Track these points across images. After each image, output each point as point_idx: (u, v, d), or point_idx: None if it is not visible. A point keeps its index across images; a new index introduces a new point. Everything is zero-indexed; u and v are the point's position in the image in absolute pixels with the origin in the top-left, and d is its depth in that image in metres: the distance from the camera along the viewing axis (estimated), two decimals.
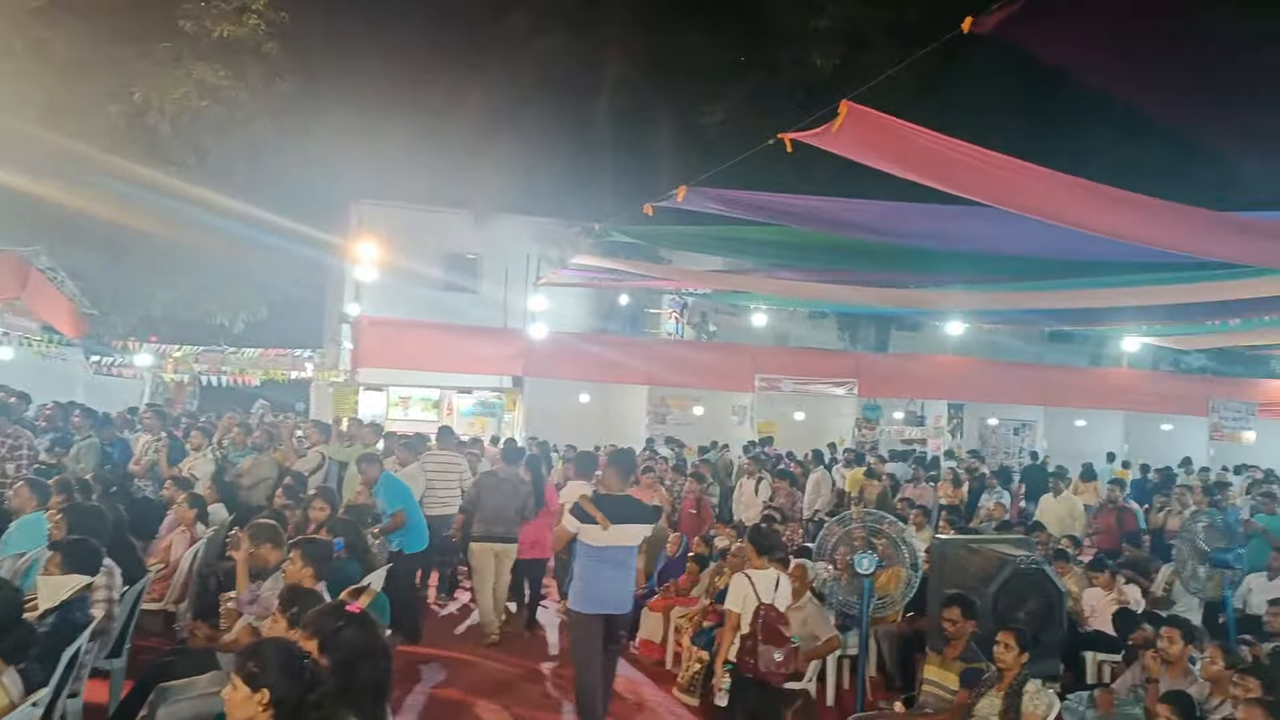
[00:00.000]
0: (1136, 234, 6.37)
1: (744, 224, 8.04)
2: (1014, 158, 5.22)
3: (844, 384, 16.26)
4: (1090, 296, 10.07)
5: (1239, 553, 6.91)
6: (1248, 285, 8.72)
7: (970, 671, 5.13)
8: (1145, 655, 5.40)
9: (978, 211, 6.12)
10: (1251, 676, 4.34)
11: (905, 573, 6.43)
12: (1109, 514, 10.20)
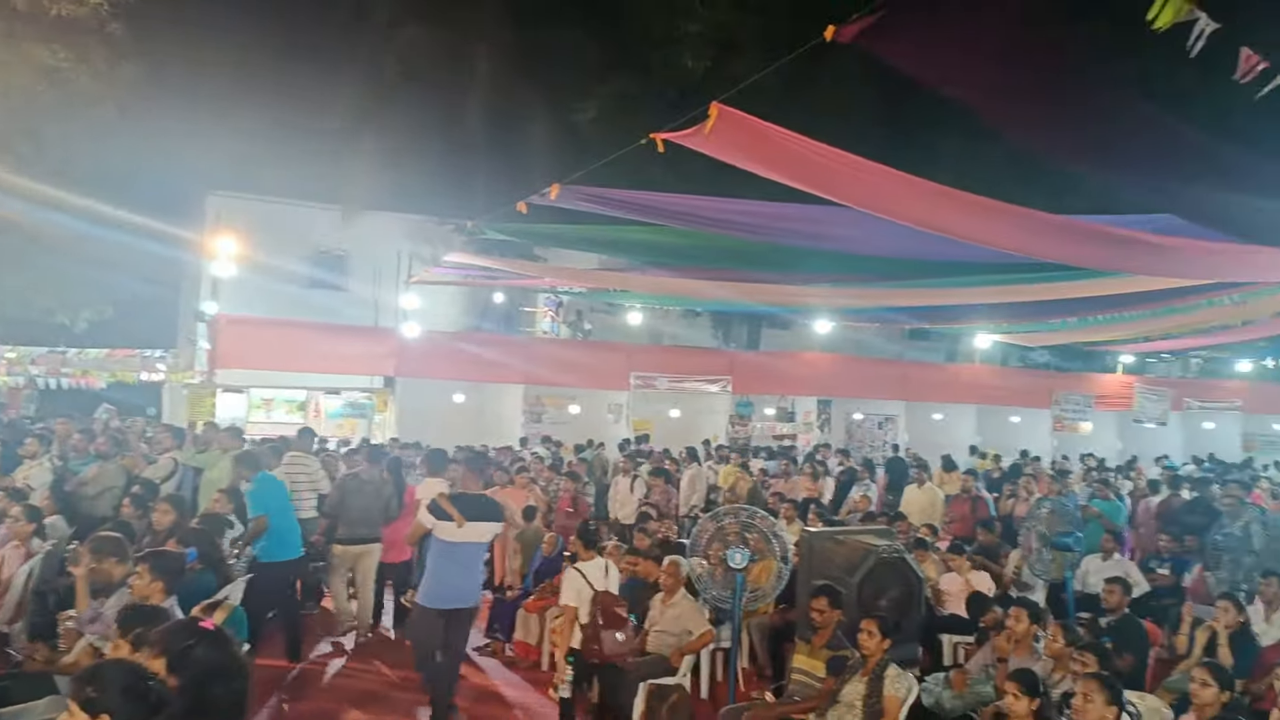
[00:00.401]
0: (985, 236, 6.74)
1: (619, 223, 8.07)
2: (874, 162, 5.45)
3: (718, 381, 16.57)
4: (946, 295, 10.62)
5: (1078, 536, 7.40)
6: (1084, 286, 9.38)
7: (836, 659, 5.31)
8: (995, 636, 5.72)
9: (843, 213, 6.34)
10: (1089, 652, 4.66)
11: (776, 565, 6.59)
12: (963, 503, 10.76)
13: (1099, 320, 11.81)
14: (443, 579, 5.78)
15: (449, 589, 5.79)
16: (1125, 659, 6.02)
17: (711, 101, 4.54)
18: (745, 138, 4.98)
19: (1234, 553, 7.57)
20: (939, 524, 10.50)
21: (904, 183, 5.71)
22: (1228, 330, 12.82)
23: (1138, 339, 14.49)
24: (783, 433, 17.89)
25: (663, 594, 6.50)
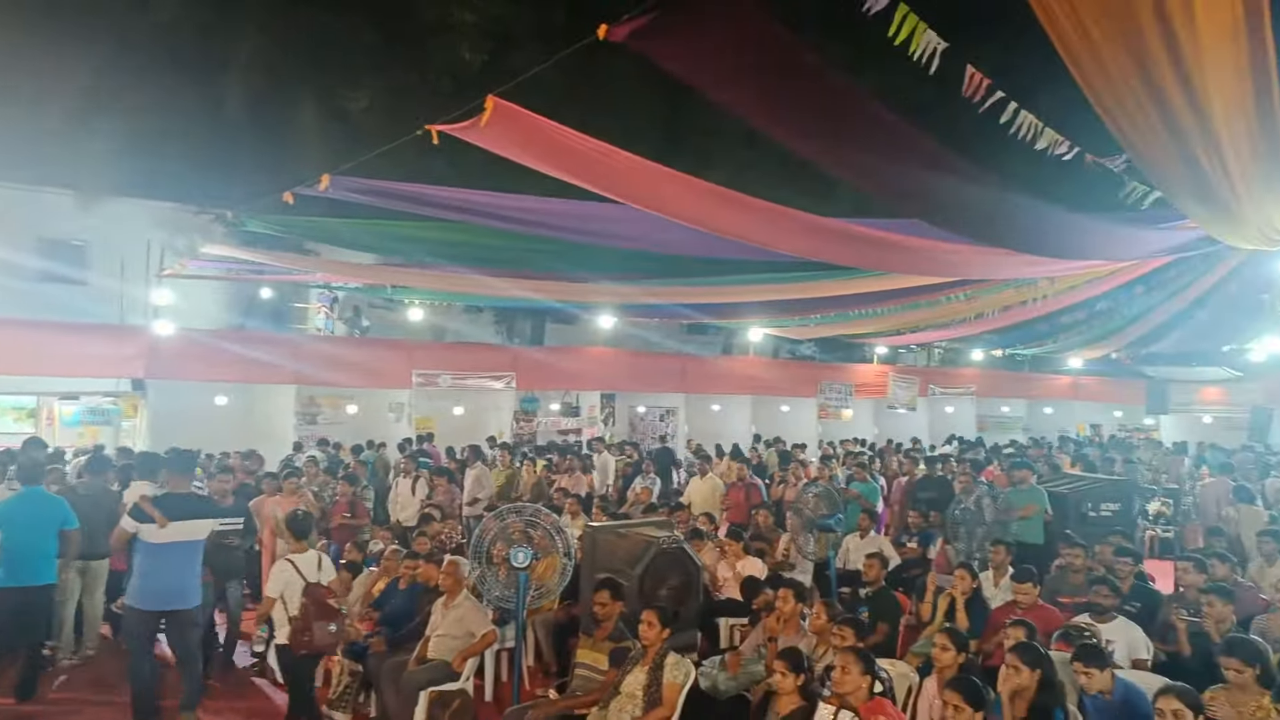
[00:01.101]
0: (754, 235, 7.08)
1: (395, 217, 7.78)
2: (650, 161, 5.57)
3: (502, 378, 16.39)
4: (720, 293, 11.09)
5: (839, 517, 7.94)
6: (845, 284, 10.09)
7: (619, 651, 5.38)
8: (766, 617, 6.03)
9: (621, 209, 6.43)
10: (846, 626, 5.00)
11: (561, 561, 6.60)
12: (738, 490, 11.30)
13: (858, 315, 12.76)
14: (151, 579, 5.80)
15: (159, 589, 5.82)
16: (881, 629, 6.54)
17: (487, 94, 4.46)
18: (521, 132, 4.93)
19: (969, 525, 8.39)
20: (718, 512, 10.96)
21: (678, 182, 5.87)
22: (964, 323, 14.23)
23: (890, 332, 15.75)
24: (568, 428, 18.01)
25: (444, 597, 6.35)
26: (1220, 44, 3.08)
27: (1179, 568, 6.52)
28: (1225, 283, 11.42)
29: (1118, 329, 15.02)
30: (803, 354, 21.79)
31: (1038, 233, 6.92)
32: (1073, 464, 14.73)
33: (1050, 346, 18.01)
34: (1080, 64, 3.48)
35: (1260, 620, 5.87)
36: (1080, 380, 24.87)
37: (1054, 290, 11.61)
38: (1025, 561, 7.34)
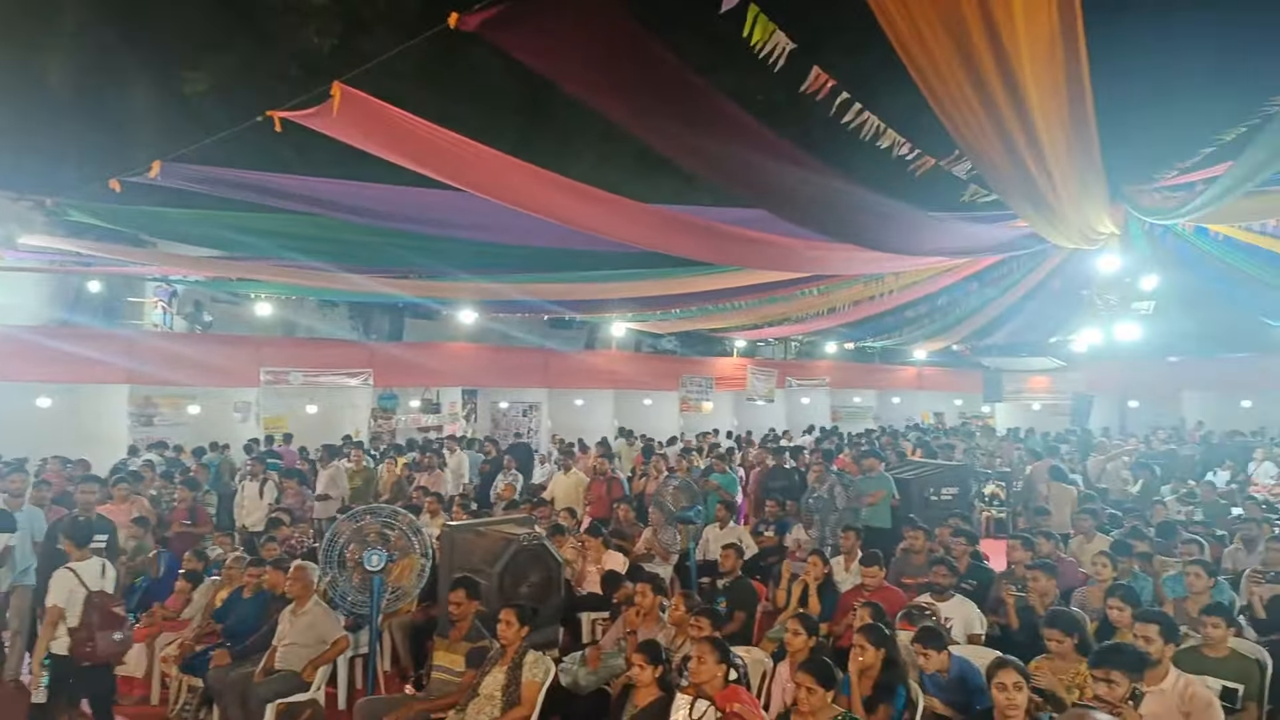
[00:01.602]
0: (610, 229, 7.10)
1: (241, 208, 7.36)
2: (509, 155, 5.48)
3: (358, 374, 15.83)
4: (583, 289, 11.08)
5: (698, 509, 8.07)
6: (705, 280, 10.27)
7: (475, 651, 5.30)
8: (626, 610, 6.06)
9: (483, 202, 6.30)
10: (703, 616, 5.08)
11: (419, 562, 6.45)
12: (600, 484, 11.31)
13: (717, 309, 13.02)
14: None
15: None
16: (738, 617, 6.69)
17: (334, 80, 4.28)
18: (370, 121, 4.76)
19: (822, 512, 8.70)
20: (580, 507, 10.96)
21: (536, 176, 5.81)
22: (819, 317, 14.75)
23: (749, 326, 16.15)
24: (428, 424, 17.60)
25: (293, 604, 6.08)
26: (1039, 52, 3.28)
27: (1009, 546, 6.96)
28: (1050, 279, 12.28)
29: (956, 322, 15.90)
30: (664, 348, 22.05)
31: (886, 230, 7.24)
32: (914, 450, 15.50)
33: (897, 339, 18.91)
34: (917, 65, 3.64)
35: (1080, 593, 6.34)
36: (924, 371, 26.26)
37: (899, 285, 12.20)
38: (875, 545, 7.67)
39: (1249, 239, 9.48)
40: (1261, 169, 5.24)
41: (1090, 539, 8.05)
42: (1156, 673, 4.27)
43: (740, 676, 4.68)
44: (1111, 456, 13.94)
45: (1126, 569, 6.65)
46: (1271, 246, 9.65)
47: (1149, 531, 8.09)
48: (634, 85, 4.32)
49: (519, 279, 10.06)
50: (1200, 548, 6.92)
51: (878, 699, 4.49)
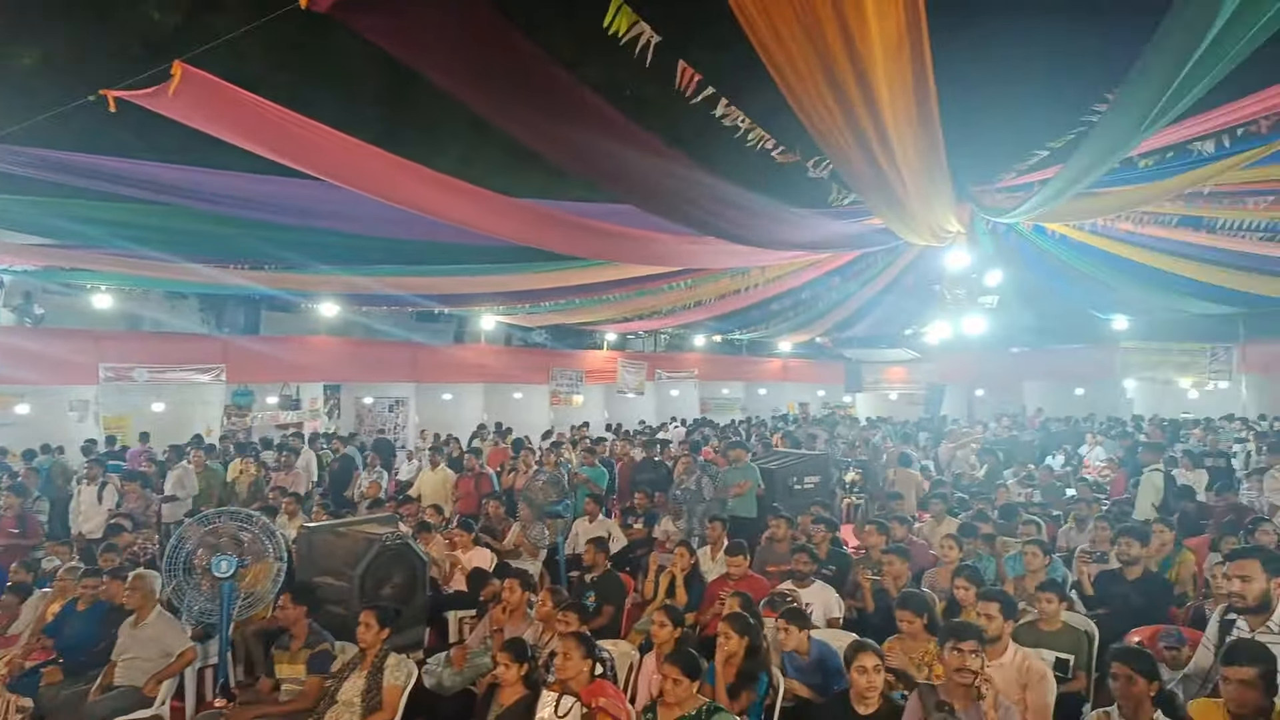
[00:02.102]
0: (476, 222, 6.97)
1: (75, 194, 6.81)
2: (370, 144, 5.29)
3: (210, 370, 14.99)
4: (451, 283, 10.84)
5: (567, 503, 8.04)
6: (574, 274, 10.23)
7: (317, 657, 5.11)
8: (494, 608, 5.97)
9: (343, 191, 6.05)
10: (570, 612, 5.05)
11: (275, 565, 6.16)
12: (468, 480, 11.13)
13: (586, 302, 13.00)
14: None
15: None
16: (606, 610, 6.69)
17: (175, 60, 4.02)
18: (214, 102, 4.49)
19: (689, 504, 8.82)
20: (448, 504, 10.75)
21: (397, 166, 5.63)
22: (687, 310, 14.95)
23: (618, 319, 16.21)
24: (288, 422, 16.86)
25: (133, 616, 5.71)
26: (889, 53, 3.39)
27: (865, 531, 7.23)
28: (905, 274, 12.86)
29: (819, 315, 16.45)
30: (534, 341, 21.87)
31: (751, 225, 7.38)
32: (781, 439, 15.96)
33: (763, 332, 19.40)
34: (775, 64, 3.71)
35: (929, 574, 6.66)
36: (789, 363, 27.05)
37: (765, 279, 12.49)
38: (741, 534, 7.85)
39: (1081, 237, 10.18)
40: (1087, 173, 5.63)
41: (940, 522, 8.46)
42: (996, 648, 4.52)
43: (607, 670, 4.68)
44: (961, 444, 14.74)
45: (972, 550, 7.02)
46: (1100, 244, 10.40)
47: (993, 514, 8.57)
48: (494, 75, 4.23)
49: (382, 272, 9.74)
50: (1038, 528, 7.38)
51: (740, 686, 4.58)
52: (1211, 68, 3.80)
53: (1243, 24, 3.35)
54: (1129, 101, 4.19)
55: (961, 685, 3.89)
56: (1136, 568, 6.07)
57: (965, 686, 3.88)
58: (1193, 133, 5.74)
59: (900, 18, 3.08)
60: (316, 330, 17.10)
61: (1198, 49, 3.51)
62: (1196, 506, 8.97)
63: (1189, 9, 3.21)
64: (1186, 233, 8.99)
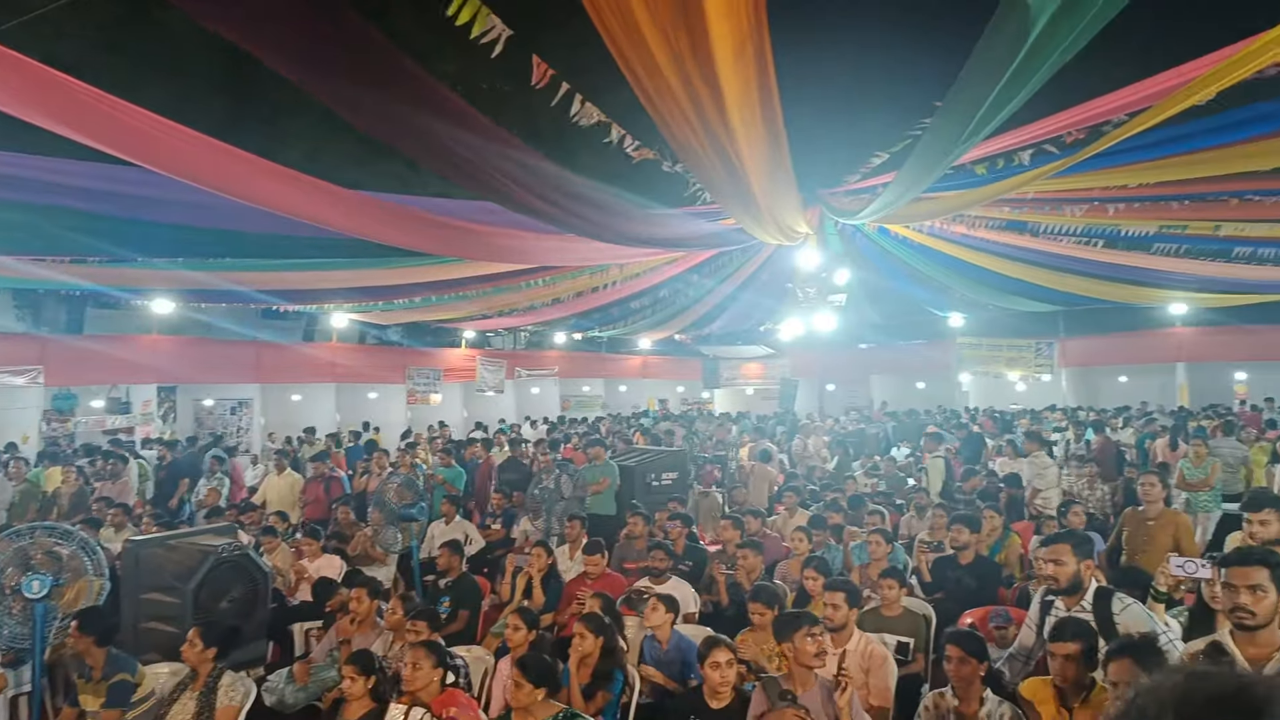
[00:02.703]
0: (328, 219, 6.68)
1: None
2: (207, 136, 4.96)
3: (25, 372, 13.75)
4: (296, 278, 10.35)
5: (422, 506, 7.81)
6: (429, 270, 9.96)
7: (116, 688, 4.76)
8: (341, 618, 5.73)
9: (177, 183, 5.64)
10: (420, 619, 4.90)
11: (95, 583, 5.70)
12: (317, 484, 10.67)
13: (444, 300, 12.69)
14: None
15: None
16: (462, 615, 6.55)
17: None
18: (25, 84, 4.10)
19: (548, 503, 8.74)
20: (295, 510, 10.28)
21: (233, 157, 5.31)
22: (546, 308, 14.85)
23: (476, 316, 15.92)
24: (116, 427, 15.69)
25: None
26: (731, 55, 3.43)
27: (720, 526, 7.36)
28: (760, 271, 13.20)
29: (678, 312, 16.68)
30: (390, 339, 21.23)
31: (610, 222, 7.37)
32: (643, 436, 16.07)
33: (623, 329, 19.51)
34: (627, 60, 3.69)
35: (782, 566, 6.84)
36: (649, 360, 27.34)
37: (623, 277, 12.56)
38: (600, 532, 7.83)
39: (920, 239, 10.73)
40: (920, 178, 5.92)
41: (793, 514, 8.72)
42: (842, 636, 4.67)
43: (460, 678, 4.57)
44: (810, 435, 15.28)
45: (821, 541, 7.26)
46: (937, 246, 10.99)
47: (843, 504, 8.90)
48: (338, 63, 4.04)
49: (220, 266, 9.19)
50: (882, 517, 7.70)
51: (596, 686, 4.55)
52: (1023, 85, 4.05)
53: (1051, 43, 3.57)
54: (951, 113, 4.42)
55: (805, 669, 4.02)
56: (969, 553, 6.42)
57: (808, 670, 4.01)
58: (1015, 143, 6.13)
59: (741, 20, 3.11)
60: (148, 328, 15.98)
61: (1008, 68, 3.72)
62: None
63: (1002, 30, 3.39)
64: (1012, 236, 9.62)
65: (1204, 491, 8.94)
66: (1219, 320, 19.14)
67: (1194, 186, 7.24)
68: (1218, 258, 10.41)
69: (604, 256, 10.12)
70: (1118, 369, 22.59)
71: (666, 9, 3.23)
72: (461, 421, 21.21)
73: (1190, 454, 9.26)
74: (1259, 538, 4.50)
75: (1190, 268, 11.02)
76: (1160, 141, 5.87)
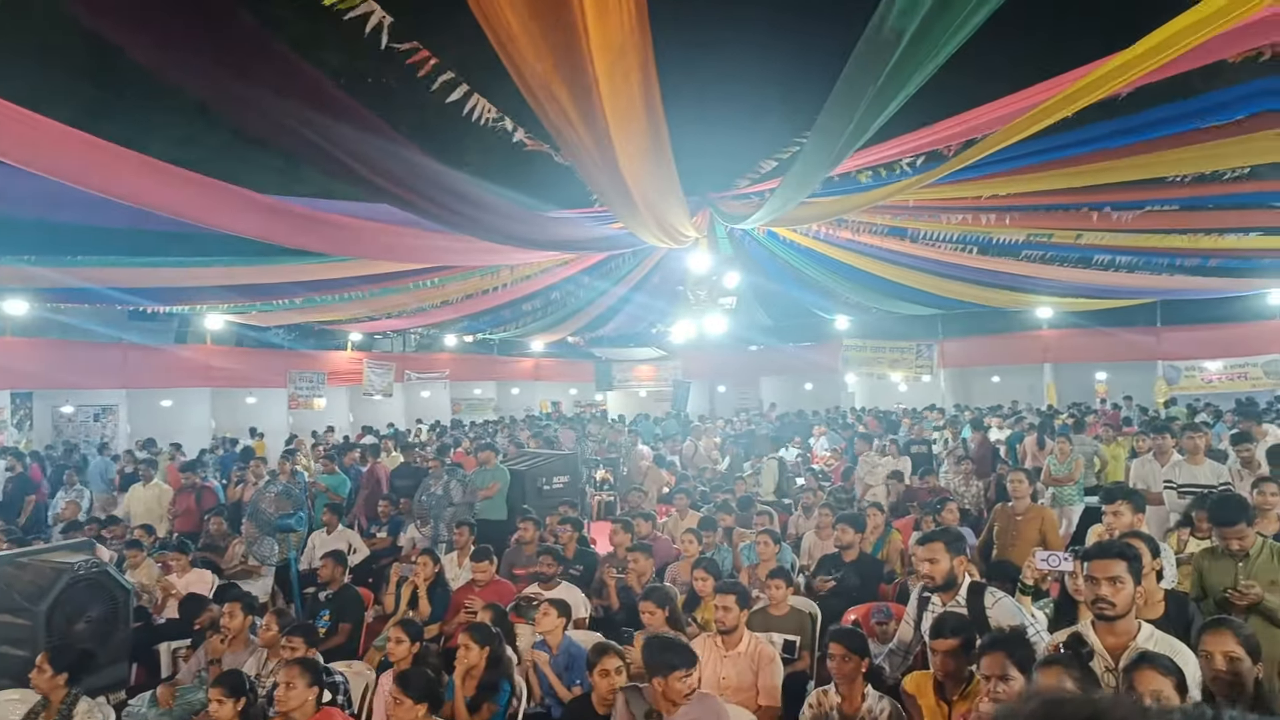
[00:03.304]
0: (202, 216, 6.34)
1: None
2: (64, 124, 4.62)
3: None
4: (165, 275, 9.79)
5: (300, 516, 7.49)
6: (315, 269, 9.59)
7: None
8: (211, 636, 5.43)
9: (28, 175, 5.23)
10: (295, 635, 4.68)
11: None
12: (188, 495, 10.12)
13: (328, 300, 12.25)
14: None
15: None
16: (343, 629, 6.30)
17: None
18: None
19: (437, 509, 8.51)
20: (162, 522, 9.74)
21: (94, 148, 4.96)
22: (438, 309, 14.51)
23: (363, 318, 15.44)
24: None
25: None
26: (612, 57, 3.39)
27: (611, 529, 7.31)
28: (651, 274, 13.25)
29: (571, 314, 16.59)
30: (271, 341, 20.38)
31: (500, 223, 7.23)
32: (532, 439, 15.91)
33: (515, 331, 19.28)
34: (510, 57, 3.60)
35: (672, 567, 6.84)
36: (542, 362, 27.13)
37: (515, 279, 12.39)
38: (491, 538, 7.68)
39: (807, 243, 10.96)
40: (803, 186, 6.04)
41: (685, 516, 8.75)
42: (733, 638, 4.69)
43: (338, 696, 4.37)
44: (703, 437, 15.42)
45: (711, 542, 7.29)
46: (823, 250, 11.26)
47: (734, 505, 8.98)
48: (208, 53, 3.80)
49: (78, 263, 8.61)
50: (770, 517, 7.80)
51: (481, 698, 4.44)
52: (893, 95, 4.17)
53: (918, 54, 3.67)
54: (827, 125, 4.52)
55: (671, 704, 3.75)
56: (852, 551, 6.56)
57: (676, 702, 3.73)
58: (895, 154, 6.32)
59: (623, 23, 3.07)
60: (0, 330, 14.88)
61: (879, 77, 3.81)
62: (904, 489, 9.91)
63: (873, 41, 3.47)
64: (894, 241, 9.94)
65: (1068, 486, 9.41)
66: (1082, 323, 20.35)
67: (1059, 197, 7.63)
68: (1080, 264, 11.05)
69: (495, 258, 9.95)
70: (991, 369, 23.67)
71: (547, 6, 3.17)
72: (348, 426, 20.56)
73: (1055, 450, 9.74)
74: (1115, 528, 4.74)
75: (1055, 273, 11.66)
76: (1029, 153, 6.17)
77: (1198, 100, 5.47)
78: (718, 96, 8.91)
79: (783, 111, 6.40)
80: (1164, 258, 10.81)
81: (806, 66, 7.01)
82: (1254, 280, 13.85)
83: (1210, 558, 4.55)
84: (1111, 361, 21.15)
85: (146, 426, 16.78)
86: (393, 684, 3.93)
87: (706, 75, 7.76)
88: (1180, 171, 6.49)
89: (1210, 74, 4.88)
